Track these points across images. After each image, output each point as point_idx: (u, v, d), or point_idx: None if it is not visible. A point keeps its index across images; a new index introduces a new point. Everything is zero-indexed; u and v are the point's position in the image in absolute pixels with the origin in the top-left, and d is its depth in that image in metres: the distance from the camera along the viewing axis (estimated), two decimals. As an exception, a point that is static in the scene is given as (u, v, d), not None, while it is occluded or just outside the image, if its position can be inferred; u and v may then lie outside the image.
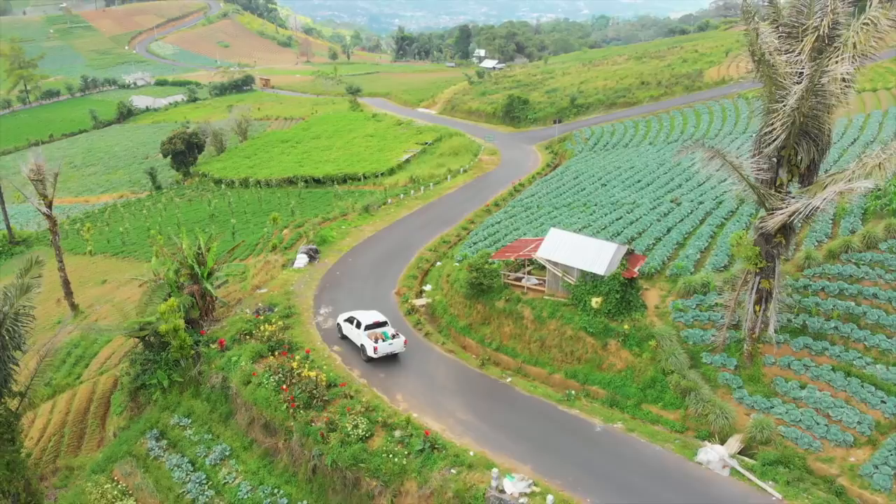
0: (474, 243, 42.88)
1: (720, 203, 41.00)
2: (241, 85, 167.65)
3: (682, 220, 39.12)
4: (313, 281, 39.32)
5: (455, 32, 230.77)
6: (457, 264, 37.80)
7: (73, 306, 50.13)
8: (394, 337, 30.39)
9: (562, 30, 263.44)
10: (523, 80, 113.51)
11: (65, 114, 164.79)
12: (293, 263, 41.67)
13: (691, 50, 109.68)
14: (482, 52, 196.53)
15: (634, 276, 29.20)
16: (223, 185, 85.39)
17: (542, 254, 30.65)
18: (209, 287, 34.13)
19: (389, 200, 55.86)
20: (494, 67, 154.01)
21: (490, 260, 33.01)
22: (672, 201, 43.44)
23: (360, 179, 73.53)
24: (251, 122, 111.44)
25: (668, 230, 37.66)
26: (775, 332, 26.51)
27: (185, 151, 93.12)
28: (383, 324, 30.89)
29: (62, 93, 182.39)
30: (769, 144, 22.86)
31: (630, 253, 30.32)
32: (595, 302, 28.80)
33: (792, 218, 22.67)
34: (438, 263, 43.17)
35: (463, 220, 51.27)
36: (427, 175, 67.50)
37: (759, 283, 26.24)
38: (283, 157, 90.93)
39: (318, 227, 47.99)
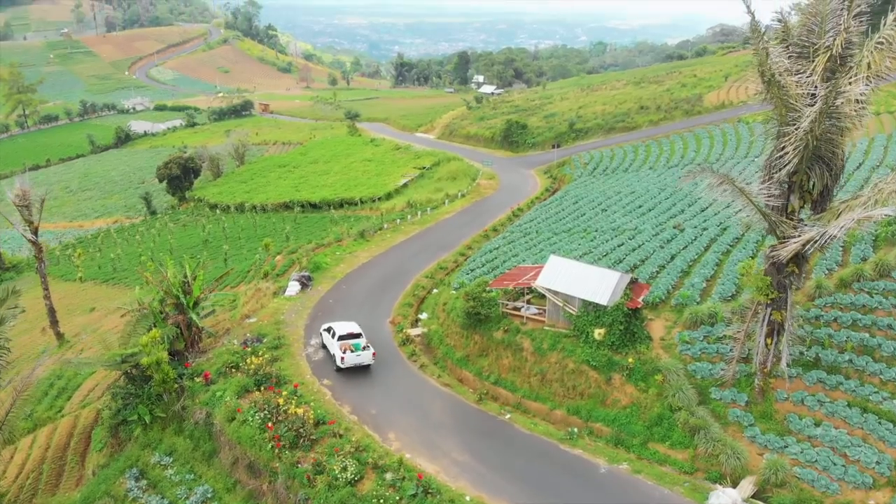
0: (472, 270, 41.64)
1: (725, 229, 39.85)
2: (240, 110, 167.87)
3: (686, 246, 37.92)
4: (305, 309, 37.95)
5: (454, 59, 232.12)
6: (453, 292, 36.51)
7: (59, 335, 48.63)
8: (364, 349, 30.99)
9: (560, 56, 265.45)
10: (521, 105, 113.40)
11: (63, 138, 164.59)
12: (285, 291, 40.34)
13: (690, 75, 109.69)
14: (481, 78, 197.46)
15: (639, 306, 27.88)
16: (218, 210, 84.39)
17: (542, 282, 29.38)
18: (194, 317, 32.76)
19: (385, 225, 54.73)
20: (493, 93, 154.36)
21: (488, 288, 31.73)
22: (675, 227, 42.29)
23: (357, 204, 72.52)
24: (248, 146, 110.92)
25: (672, 257, 36.44)
26: (788, 365, 25.17)
27: (180, 176, 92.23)
28: (357, 335, 31.65)
29: (61, 117, 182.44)
30: (780, 169, 21.75)
31: (634, 282, 29.03)
32: (598, 333, 27.45)
33: (806, 247, 21.45)
34: (435, 291, 41.87)
35: (460, 246, 50.11)
36: (424, 200, 66.51)
37: (771, 314, 24.94)
38: (279, 181, 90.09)
39: (311, 253, 46.76)
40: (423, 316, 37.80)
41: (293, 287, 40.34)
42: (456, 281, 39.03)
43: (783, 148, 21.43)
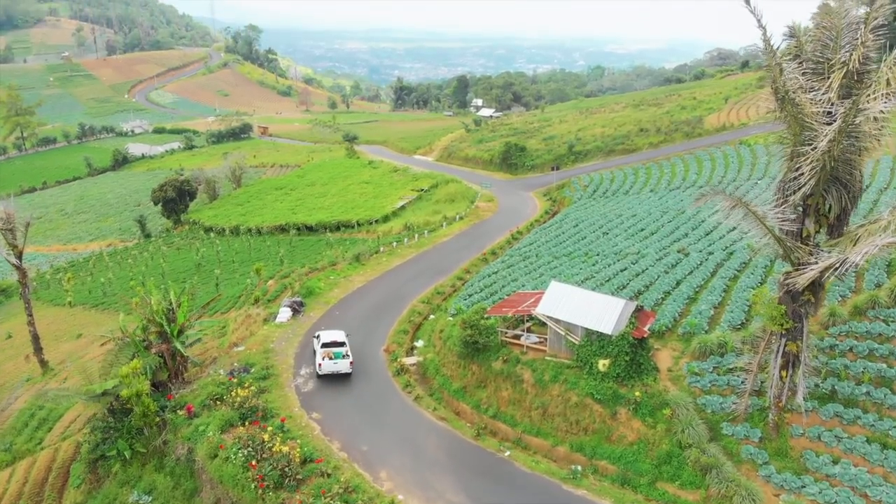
0: (469, 295, 40.25)
1: (731, 254, 38.56)
2: (239, 133, 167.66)
3: (692, 272, 36.59)
4: (295, 337, 36.47)
5: (453, 83, 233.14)
6: (450, 319, 35.08)
7: (43, 363, 47.05)
8: (344, 357, 31.56)
9: (558, 80, 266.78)
10: (520, 127, 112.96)
11: (60, 161, 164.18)
12: (275, 318, 38.89)
13: (689, 97, 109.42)
14: (479, 102, 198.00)
15: (645, 335, 26.46)
16: (213, 233, 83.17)
17: (543, 310, 27.98)
18: (178, 346, 31.25)
19: (382, 249, 53.44)
20: (491, 116, 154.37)
21: (486, 315, 30.31)
22: (679, 251, 41.01)
23: (353, 227, 71.38)
24: (245, 169, 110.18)
25: (678, 283, 35.09)
26: (804, 399, 23.70)
27: (175, 199, 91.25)
28: (340, 344, 32.22)
29: (59, 140, 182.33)
30: (795, 192, 20.51)
31: (639, 309, 27.64)
32: (602, 364, 25.99)
33: (824, 274, 20.13)
34: (432, 317, 40.45)
35: (458, 270, 48.77)
36: (422, 222, 65.35)
37: (785, 345, 23.52)
38: (276, 204, 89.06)
39: (304, 277, 45.37)
40: (419, 343, 36.33)
41: (284, 313, 38.91)
42: (453, 307, 37.62)
43: (798, 169, 20.22)
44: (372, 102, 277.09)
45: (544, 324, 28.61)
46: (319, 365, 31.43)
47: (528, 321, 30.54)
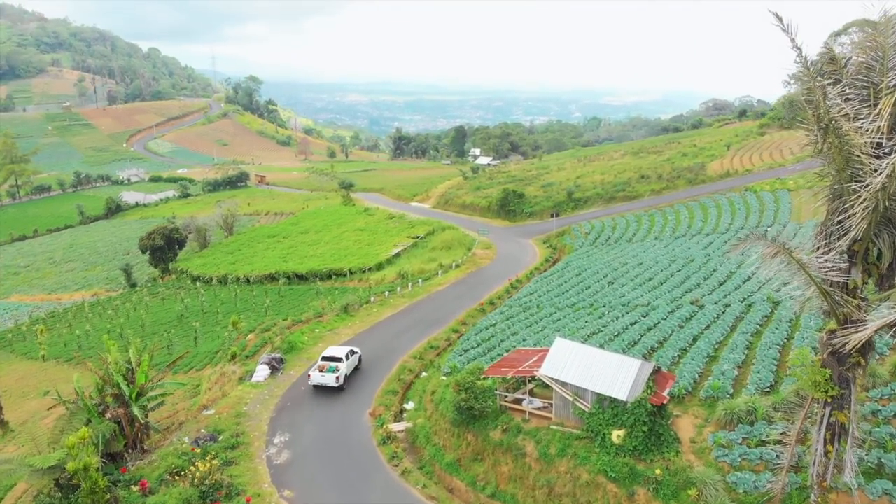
0: (465, 350, 36.88)
1: (750, 306, 35.44)
2: (236, 181, 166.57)
3: (709, 326, 33.39)
4: (272, 399, 32.95)
5: (451, 132, 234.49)
6: (443, 378, 31.67)
7: (1, 423, 43.12)
8: (334, 372, 33.55)
9: (555, 130, 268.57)
10: (518, 175, 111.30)
11: (53, 209, 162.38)
12: (252, 376, 35.42)
13: (690, 144, 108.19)
14: (477, 151, 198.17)
15: (665, 401, 23.09)
16: (199, 283, 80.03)
17: (547, 371, 24.66)
18: (136, 411, 27.73)
19: (373, 298, 50.24)
20: (489, 164, 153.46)
21: (482, 376, 26.95)
22: (693, 303, 37.88)
23: (346, 275, 68.34)
24: (238, 217, 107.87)
25: (695, 339, 31.83)
26: (853, 476, 20.20)
27: (164, 247, 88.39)
28: (338, 359, 34.47)
29: (53, 188, 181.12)
30: (841, 237, 17.55)
31: (657, 371, 24.33)
32: (616, 436, 22.54)
33: (879, 333, 17.01)
34: (424, 374, 37.00)
35: (454, 322, 45.47)
36: (417, 270, 62.37)
37: (831, 414, 20.16)
38: (267, 252, 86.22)
39: (286, 331, 42.02)
40: (409, 406, 32.79)
41: (262, 371, 35.47)
42: (446, 364, 34.20)
43: (842, 210, 17.31)
44: (371, 152, 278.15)
45: (549, 386, 25.26)
46: (309, 376, 34.02)
47: (530, 382, 27.18)
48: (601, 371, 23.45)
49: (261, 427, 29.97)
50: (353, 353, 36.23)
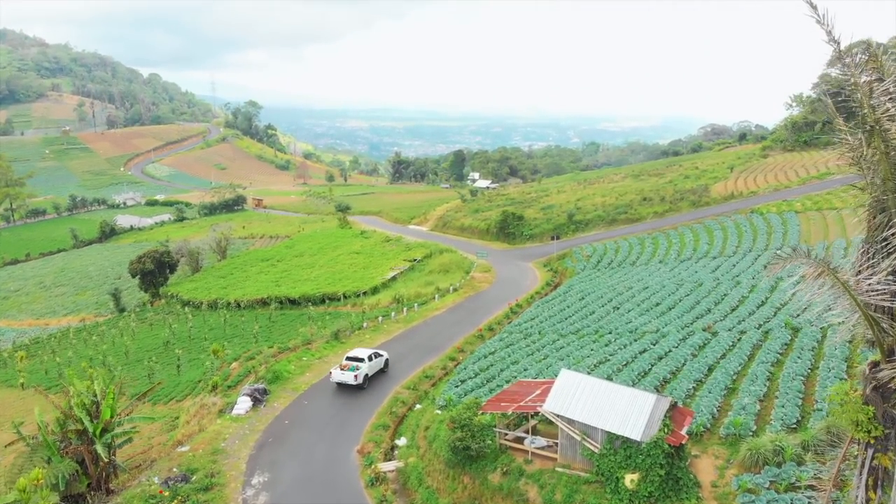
0: (462, 381, 34.42)
1: (767, 333, 33.11)
2: (232, 205, 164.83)
3: (725, 355, 31.03)
4: (253, 434, 30.42)
5: (450, 157, 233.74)
6: (438, 412, 29.23)
7: (-33, 459, 40.37)
8: (354, 370, 35.38)
9: (553, 155, 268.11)
10: (517, 197, 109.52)
11: (47, 232, 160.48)
12: (232, 409, 32.91)
13: (691, 167, 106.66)
14: (476, 175, 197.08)
15: (684, 441, 20.70)
16: (188, 308, 77.57)
17: (552, 407, 22.28)
18: (100, 449, 25.24)
19: (365, 324, 47.84)
20: (488, 187, 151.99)
21: (480, 412, 24.54)
22: (705, 329, 35.55)
23: (339, 299, 65.99)
24: (232, 240, 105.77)
25: (710, 369, 29.46)
26: (899, 529, 17.72)
27: (154, 271, 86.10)
28: (360, 360, 36.39)
29: (48, 212, 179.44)
30: (887, 255, 15.36)
31: (673, 406, 21.95)
32: (630, 480, 20.09)
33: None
34: (418, 406, 34.51)
35: (450, 349, 43.05)
36: (413, 294, 60.09)
37: (874, 457, 17.77)
38: (260, 276, 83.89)
39: (272, 359, 39.56)
40: (401, 442, 30.26)
41: (243, 403, 32.98)
42: (441, 396, 31.73)
43: (891, 225, 15.13)
44: (370, 176, 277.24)
45: (554, 423, 22.85)
46: (331, 373, 36.11)
47: (532, 418, 24.76)
48: (612, 407, 21.08)
49: (239, 465, 27.42)
50: (377, 355, 38.22)
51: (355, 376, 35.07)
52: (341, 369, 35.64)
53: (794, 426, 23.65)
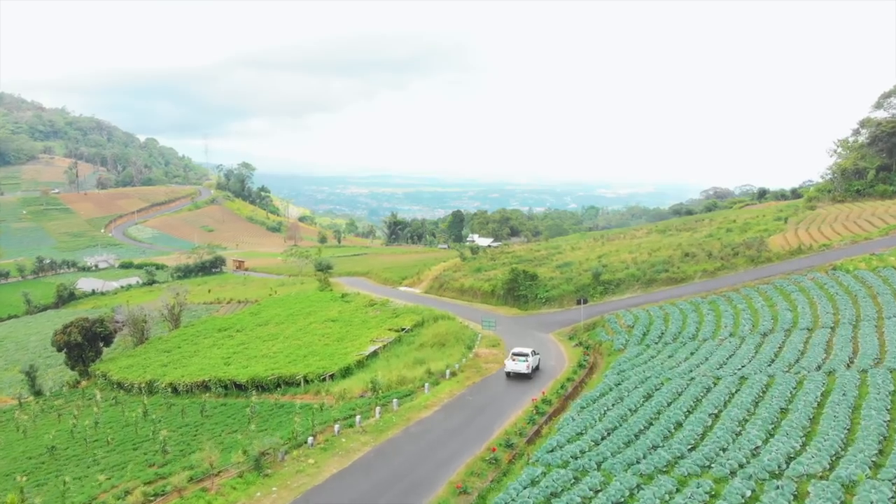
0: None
1: None
2: (210, 266, 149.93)
3: None
4: None
5: (448, 217, 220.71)
6: None
7: None
8: (525, 362, 41.78)
9: (554, 217, 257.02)
10: (525, 255, 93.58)
11: (3, 297, 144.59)
12: None
13: (729, 220, 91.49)
14: (475, 236, 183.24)
15: None
16: (115, 391, 60.69)
17: None
18: None
19: (311, 440, 30.78)
20: (490, 245, 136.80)
21: None
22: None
23: (298, 384, 49.46)
24: (191, 306, 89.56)
25: None
26: None
27: (83, 344, 69.60)
28: (525, 355, 42.19)
29: (12, 274, 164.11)
30: None
31: None
32: None
33: None
34: None
35: (443, 490, 26.03)
36: (395, 379, 43.63)
37: None
38: (210, 350, 67.18)
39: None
40: None
41: None
42: None
43: None
44: (366, 238, 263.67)
45: None
46: (505, 364, 42.59)
47: None
48: None
49: None
50: (535, 353, 43.76)
51: (527, 366, 41.59)
52: (511, 361, 42.17)
53: None
